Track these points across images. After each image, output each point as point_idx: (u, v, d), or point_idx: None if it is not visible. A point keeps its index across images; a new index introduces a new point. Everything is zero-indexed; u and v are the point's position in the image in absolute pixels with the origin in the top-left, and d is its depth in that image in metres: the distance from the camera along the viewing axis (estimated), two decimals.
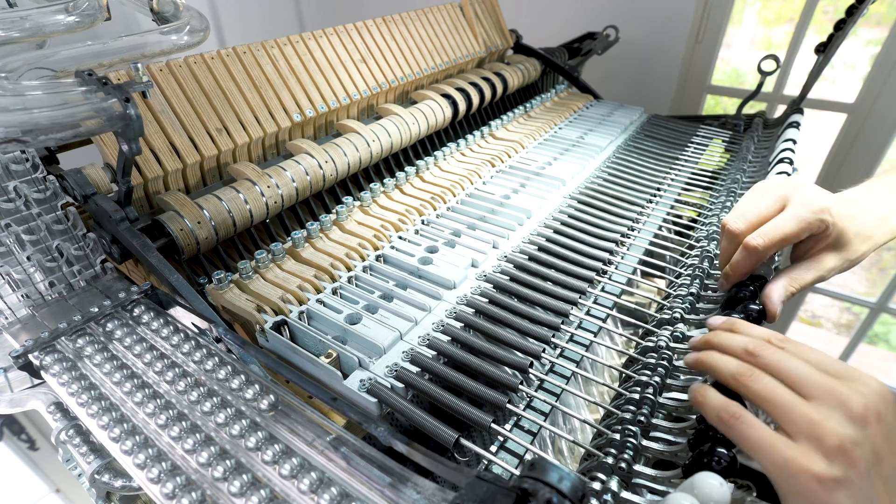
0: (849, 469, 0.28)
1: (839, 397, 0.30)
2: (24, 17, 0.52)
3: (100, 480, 0.46)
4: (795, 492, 0.29)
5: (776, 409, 0.31)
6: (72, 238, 0.55)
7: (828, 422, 0.29)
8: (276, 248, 0.58)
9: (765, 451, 0.30)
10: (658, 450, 0.38)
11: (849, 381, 0.31)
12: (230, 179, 0.64)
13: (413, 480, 0.32)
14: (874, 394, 0.30)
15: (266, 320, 0.49)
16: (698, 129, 1.00)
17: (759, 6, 1.85)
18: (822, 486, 0.28)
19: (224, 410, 0.37)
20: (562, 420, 0.51)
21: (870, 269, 2.45)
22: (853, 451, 0.28)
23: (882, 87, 1.23)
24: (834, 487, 0.28)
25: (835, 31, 0.83)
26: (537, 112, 1.04)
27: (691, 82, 1.42)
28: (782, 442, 0.30)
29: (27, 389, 0.52)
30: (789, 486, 0.29)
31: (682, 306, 0.51)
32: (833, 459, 0.28)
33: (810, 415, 0.30)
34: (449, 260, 0.58)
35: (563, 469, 0.26)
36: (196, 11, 0.66)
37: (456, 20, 1.01)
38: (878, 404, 0.30)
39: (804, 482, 0.29)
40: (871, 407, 0.30)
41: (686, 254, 0.61)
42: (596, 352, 0.55)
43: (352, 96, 0.78)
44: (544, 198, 0.72)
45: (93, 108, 0.45)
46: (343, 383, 0.44)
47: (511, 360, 0.45)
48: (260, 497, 0.31)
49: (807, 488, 0.29)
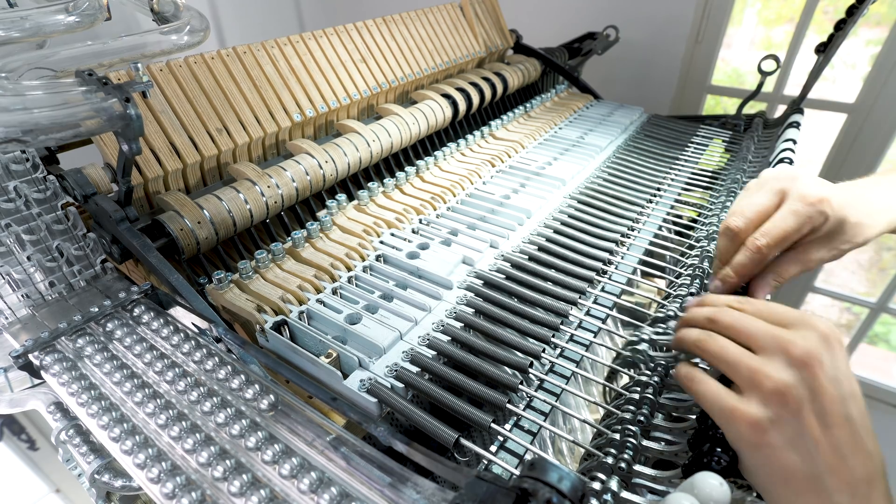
0: (781, 409, 0.30)
1: (781, 344, 0.32)
2: (24, 17, 0.52)
3: (100, 480, 0.46)
4: (737, 438, 0.32)
5: (727, 366, 0.33)
6: (72, 238, 0.55)
7: (766, 368, 0.31)
8: (276, 248, 0.58)
9: (711, 403, 0.33)
10: (658, 450, 0.38)
11: (796, 327, 0.32)
12: (230, 179, 0.64)
13: (413, 480, 0.32)
14: (817, 336, 0.31)
15: (266, 320, 0.49)
16: (698, 129, 1.00)
17: (759, 6, 1.85)
18: (754, 429, 0.30)
19: (224, 410, 0.37)
20: (562, 420, 0.51)
21: (870, 269, 2.45)
22: (788, 393, 0.30)
23: (882, 87, 1.23)
24: (766, 429, 0.30)
25: (835, 31, 0.83)
26: (537, 112, 1.04)
27: (691, 82, 1.42)
28: (726, 393, 0.33)
29: (27, 389, 0.52)
30: (731, 433, 0.32)
31: (681, 306, 0.51)
32: (768, 402, 0.30)
33: (751, 364, 0.32)
34: (448, 260, 0.58)
35: (563, 469, 0.26)
36: (196, 11, 0.66)
37: (456, 20, 1.01)
38: (818, 347, 0.31)
39: (740, 427, 0.31)
40: (812, 349, 0.31)
41: (686, 254, 0.61)
42: (596, 352, 0.55)
43: (352, 96, 0.78)
44: (544, 198, 0.72)
45: (93, 108, 0.45)
46: (343, 383, 0.44)
47: (511, 360, 0.45)
48: (260, 497, 0.32)
49: (742, 432, 0.31)
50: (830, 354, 0.31)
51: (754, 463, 0.32)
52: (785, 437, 0.30)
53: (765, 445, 0.30)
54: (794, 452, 0.30)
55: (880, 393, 1.68)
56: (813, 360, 0.31)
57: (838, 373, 0.31)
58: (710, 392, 0.34)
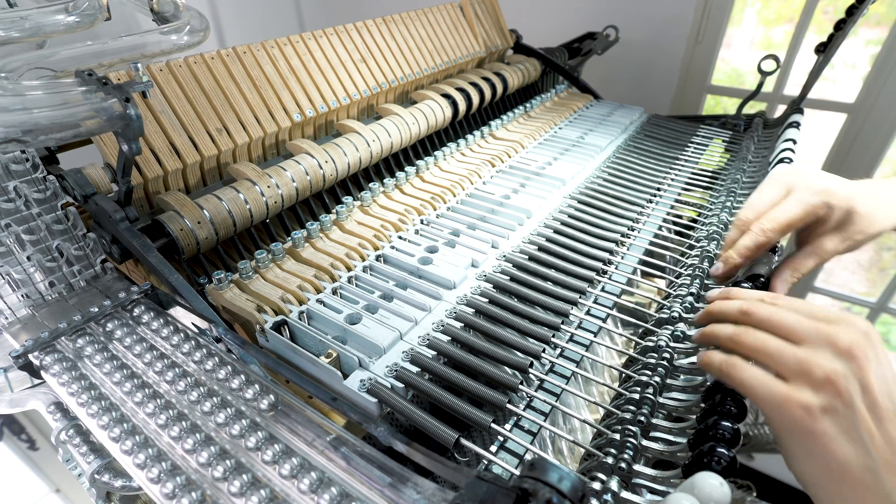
0: (834, 398, 0.30)
1: (827, 336, 0.32)
2: (24, 17, 0.52)
3: (100, 480, 0.46)
4: (786, 423, 0.31)
5: (769, 358, 0.33)
6: (72, 238, 0.55)
7: (815, 357, 0.31)
8: (276, 248, 0.58)
9: (758, 389, 0.32)
10: (658, 450, 0.38)
11: (836, 322, 0.33)
12: (230, 179, 0.64)
13: (413, 480, 0.32)
14: (860, 331, 0.32)
15: (266, 320, 0.49)
16: (698, 129, 1.00)
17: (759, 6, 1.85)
18: (808, 414, 0.30)
19: (224, 410, 0.37)
20: (562, 420, 0.51)
21: (870, 269, 2.45)
22: (839, 381, 0.30)
23: (882, 87, 1.23)
24: (820, 415, 0.30)
25: (835, 31, 0.83)
26: (537, 112, 1.04)
27: (691, 82, 1.42)
28: (773, 380, 0.32)
29: (27, 389, 0.52)
30: (781, 418, 0.31)
31: (681, 306, 0.51)
32: (820, 390, 0.30)
33: (798, 354, 0.32)
34: (449, 260, 0.58)
35: (563, 469, 0.26)
36: (196, 11, 0.66)
37: (456, 20, 1.01)
38: (863, 340, 0.31)
39: (793, 412, 0.30)
40: (857, 342, 0.31)
41: (686, 254, 0.61)
42: (596, 352, 0.55)
43: (352, 96, 0.78)
44: (544, 198, 0.72)
45: (93, 108, 0.45)
46: (343, 383, 0.44)
47: (511, 360, 0.45)
48: (260, 497, 0.31)
49: (795, 417, 0.30)
50: (874, 350, 0.31)
51: (804, 451, 0.31)
52: (839, 426, 0.30)
53: (819, 434, 0.30)
54: (849, 443, 0.29)
55: None
56: (860, 352, 0.31)
57: (883, 368, 0.31)
58: (756, 378, 0.33)
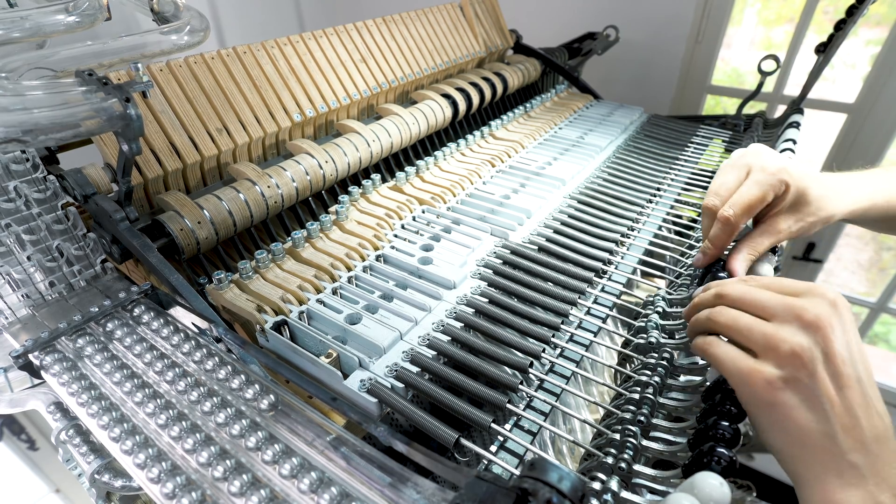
0: (798, 370, 0.31)
1: (793, 310, 0.33)
2: (24, 17, 0.52)
3: (100, 480, 0.46)
4: (750, 395, 0.33)
5: (740, 334, 0.35)
6: (72, 238, 0.55)
7: (781, 332, 0.33)
8: (276, 248, 0.58)
9: (727, 364, 0.34)
10: (658, 450, 0.38)
11: (805, 295, 0.34)
12: (230, 179, 0.64)
13: (413, 480, 0.32)
14: (826, 301, 0.33)
15: (266, 320, 0.49)
16: (698, 129, 1.00)
17: (759, 6, 1.85)
18: (769, 387, 0.32)
19: (224, 410, 0.37)
20: (562, 420, 0.51)
21: (870, 269, 2.45)
22: (804, 354, 0.31)
23: (882, 87, 1.23)
24: (782, 386, 0.32)
25: (835, 31, 0.83)
26: (537, 112, 1.04)
27: (691, 82, 1.42)
28: (741, 355, 0.34)
29: (27, 389, 0.52)
30: (745, 391, 0.33)
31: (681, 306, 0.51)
32: (783, 364, 0.32)
33: (765, 330, 0.33)
34: (449, 260, 0.58)
35: (563, 469, 0.26)
36: (196, 11, 0.66)
37: (456, 20, 1.01)
38: (829, 310, 0.32)
39: (756, 387, 0.32)
40: (823, 313, 0.32)
41: (686, 254, 0.61)
42: (596, 352, 0.55)
43: (352, 96, 0.78)
44: (544, 198, 0.72)
45: (93, 108, 0.45)
46: (343, 383, 0.44)
47: (511, 360, 0.45)
48: (260, 497, 0.31)
49: (758, 391, 0.32)
50: (840, 319, 0.32)
51: (769, 422, 0.33)
52: (800, 396, 0.31)
53: (780, 404, 0.32)
54: (809, 412, 0.31)
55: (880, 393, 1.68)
56: (824, 324, 0.32)
57: (848, 337, 0.32)
58: (726, 354, 0.35)
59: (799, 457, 0.32)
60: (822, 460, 0.31)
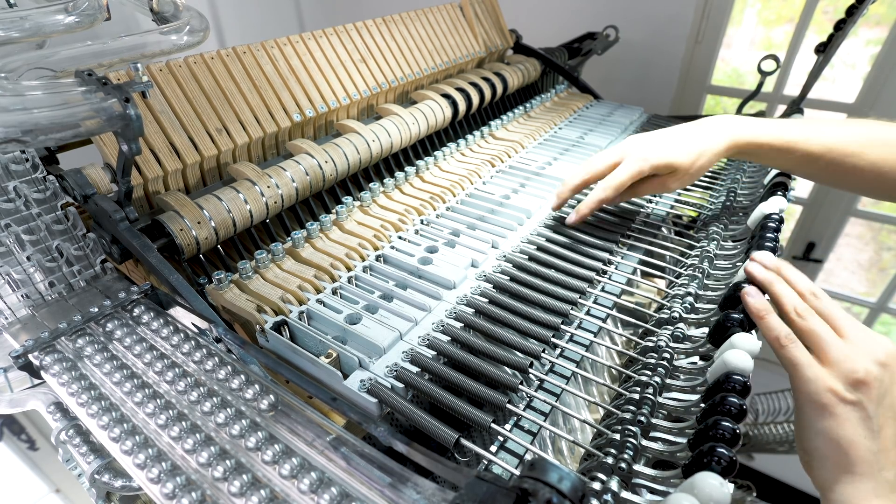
0: (864, 395, 0.36)
1: (869, 343, 0.39)
2: (24, 17, 0.52)
3: (100, 480, 0.46)
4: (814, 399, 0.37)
5: (822, 342, 0.39)
6: (72, 238, 0.55)
7: (858, 358, 0.37)
8: (276, 248, 0.58)
9: (804, 369, 0.38)
10: (658, 450, 0.38)
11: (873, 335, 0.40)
12: (230, 179, 0.64)
13: (413, 480, 0.32)
14: (892, 347, 0.39)
15: (266, 320, 0.49)
16: None
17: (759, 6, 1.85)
18: (838, 400, 0.36)
19: (224, 410, 0.37)
20: (562, 420, 0.51)
21: (870, 269, 2.45)
22: (872, 383, 0.36)
23: (882, 87, 1.23)
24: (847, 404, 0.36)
25: (835, 31, 0.83)
26: (537, 112, 1.04)
27: (691, 82, 1.42)
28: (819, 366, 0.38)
29: (27, 389, 0.52)
30: (813, 397, 0.37)
31: (681, 306, 0.51)
32: (855, 387, 0.37)
33: (845, 350, 0.38)
34: (449, 260, 0.58)
35: (563, 469, 0.26)
36: (196, 11, 0.66)
37: (456, 20, 1.01)
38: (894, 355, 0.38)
39: (826, 395, 0.37)
40: (891, 355, 0.38)
41: (686, 254, 0.61)
42: (596, 352, 0.55)
43: (352, 96, 0.78)
44: (544, 198, 0.72)
45: (93, 108, 0.45)
46: (343, 383, 0.44)
47: (511, 360, 0.45)
48: (260, 497, 0.31)
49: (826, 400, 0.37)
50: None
51: (822, 426, 0.37)
52: (860, 415, 0.36)
53: (839, 416, 0.36)
54: (863, 429, 0.36)
55: None
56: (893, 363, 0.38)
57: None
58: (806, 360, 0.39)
59: (838, 463, 0.36)
60: (861, 470, 0.35)
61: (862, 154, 0.56)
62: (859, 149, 0.56)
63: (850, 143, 0.56)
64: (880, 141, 0.56)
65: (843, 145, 0.56)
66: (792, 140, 0.58)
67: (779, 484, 2.05)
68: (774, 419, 1.55)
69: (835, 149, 0.57)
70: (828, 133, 0.57)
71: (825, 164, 0.57)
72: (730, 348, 0.39)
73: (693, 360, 0.45)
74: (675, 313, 0.50)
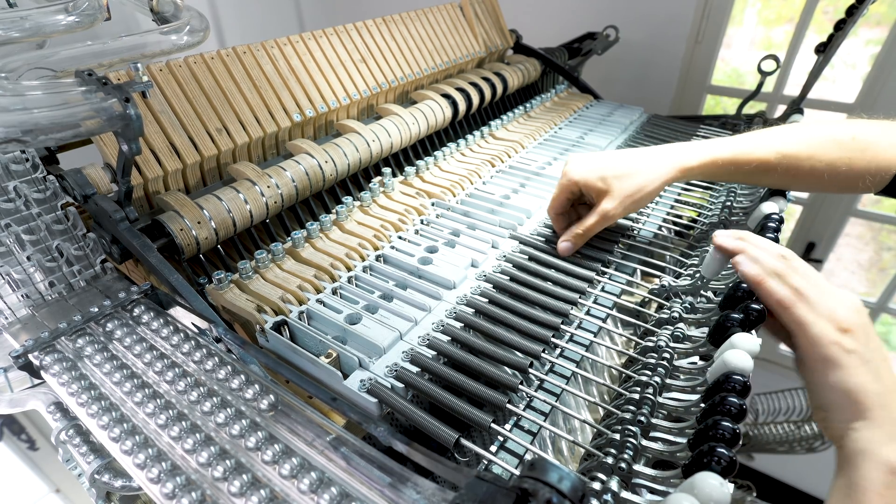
0: (857, 343, 0.39)
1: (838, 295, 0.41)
2: (24, 17, 0.52)
3: (100, 480, 0.46)
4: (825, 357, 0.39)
5: (809, 299, 0.41)
6: (72, 238, 0.55)
7: (840, 308, 0.40)
8: (276, 248, 0.58)
9: (811, 327, 0.40)
10: (658, 450, 0.38)
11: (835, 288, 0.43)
12: (230, 179, 0.64)
13: (413, 480, 0.32)
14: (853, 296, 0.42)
15: (266, 320, 0.49)
16: (698, 130, 1.00)
17: (759, 6, 1.85)
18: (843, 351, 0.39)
19: (224, 410, 0.37)
20: (562, 420, 0.51)
21: (870, 269, 2.45)
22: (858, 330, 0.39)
23: (882, 87, 1.23)
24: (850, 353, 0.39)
25: (835, 31, 0.83)
26: (537, 112, 1.04)
27: (691, 82, 1.42)
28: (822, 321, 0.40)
29: (27, 389, 0.52)
30: (822, 353, 0.39)
31: (681, 306, 0.51)
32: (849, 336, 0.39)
33: (829, 303, 0.41)
34: (449, 260, 0.58)
35: (563, 469, 0.26)
36: (196, 11, 0.66)
37: (456, 20, 1.01)
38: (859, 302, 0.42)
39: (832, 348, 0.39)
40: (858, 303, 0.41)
41: (686, 254, 0.61)
42: (596, 352, 0.55)
43: (352, 96, 0.78)
44: (544, 198, 0.72)
45: (93, 108, 0.45)
46: (343, 383, 0.44)
47: (511, 360, 0.45)
48: (260, 497, 0.31)
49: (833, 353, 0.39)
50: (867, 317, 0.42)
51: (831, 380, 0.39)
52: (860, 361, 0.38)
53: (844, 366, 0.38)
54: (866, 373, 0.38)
55: None
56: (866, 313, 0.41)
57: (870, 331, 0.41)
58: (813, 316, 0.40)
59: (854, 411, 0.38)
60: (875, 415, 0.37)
61: (816, 156, 0.58)
62: (813, 151, 0.58)
63: (802, 147, 0.58)
64: (831, 140, 0.58)
65: (796, 150, 0.58)
66: (743, 152, 0.59)
67: (779, 484, 2.05)
68: (774, 419, 1.55)
69: (789, 154, 0.58)
70: (779, 140, 0.59)
71: (783, 171, 0.58)
72: (730, 348, 0.39)
73: (693, 360, 0.45)
74: (675, 313, 0.50)
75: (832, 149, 0.57)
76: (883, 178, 0.57)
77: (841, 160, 0.57)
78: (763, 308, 0.44)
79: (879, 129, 0.59)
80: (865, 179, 0.57)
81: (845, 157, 0.57)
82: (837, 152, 0.57)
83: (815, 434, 1.45)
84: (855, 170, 0.57)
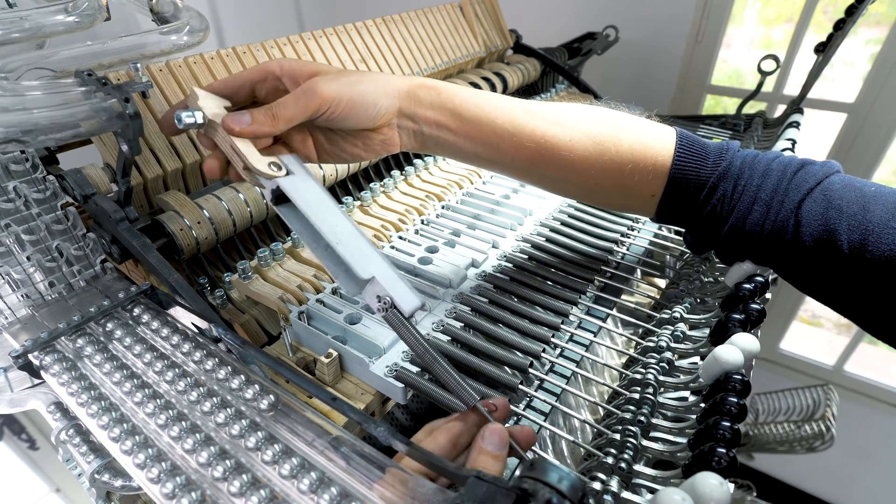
0: None
1: None
2: (23, 17, 0.52)
3: (100, 480, 0.46)
4: None
5: None
6: (72, 238, 0.55)
7: None
8: (276, 247, 0.58)
9: None
10: (658, 450, 0.38)
11: None
12: (230, 179, 0.64)
13: (413, 480, 0.32)
14: None
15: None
16: (698, 129, 1.00)
17: (759, 6, 1.85)
18: None
19: (224, 410, 0.37)
20: (562, 420, 0.51)
21: None
22: None
23: (882, 86, 1.23)
24: None
25: (834, 31, 0.83)
26: None
27: (691, 82, 1.42)
28: None
29: (27, 389, 0.52)
30: None
31: (681, 306, 0.51)
32: None
33: None
34: (449, 260, 0.58)
35: (563, 469, 0.26)
36: (196, 11, 0.66)
37: (456, 20, 1.01)
38: None
39: None
40: None
41: (686, 254, 0.61)
42: (596, 352, 0.55)
43: None
44: (544, 197, 0.72)
45: (92, 108, 0.45)
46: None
47: (511, 360, 0.45)
48: (260, 497, 0.31)
49: None
50: None
51: None
52: None
53: None
54: None
55: (880, 393, 1.68)
56: None
57: None
58: None
59: None
60: None
61: (577, 127, 0.47)
62: (572, 122, 0.47)
63: (558, 113, 0.48)
64: (586, 118, 0.48)
65: (551, 114, 0.48)
66: (484, 97, 0.47)
67: (779, 484, 2.05)
68: (774, 419, 1.55)
69: (541, 115, 0.47)
70: (530, 104, 0.48)
71: (535, 144, 0.47)
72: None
73: (693, 360, 0.45)
74: (675, 313, 0.50)
75: (590, 126, 0.47)
76: (657, 175, 0.46)
77: (605, 136, 0.46)
78: (763, 308, 0.44)
79: (636, 119, 0.49)
80: (632, 168, 0.46)
81: (610, 134, 0.46)
82: (597, 128, 0.47)
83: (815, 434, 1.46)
84: (622, 153, 0.46)
